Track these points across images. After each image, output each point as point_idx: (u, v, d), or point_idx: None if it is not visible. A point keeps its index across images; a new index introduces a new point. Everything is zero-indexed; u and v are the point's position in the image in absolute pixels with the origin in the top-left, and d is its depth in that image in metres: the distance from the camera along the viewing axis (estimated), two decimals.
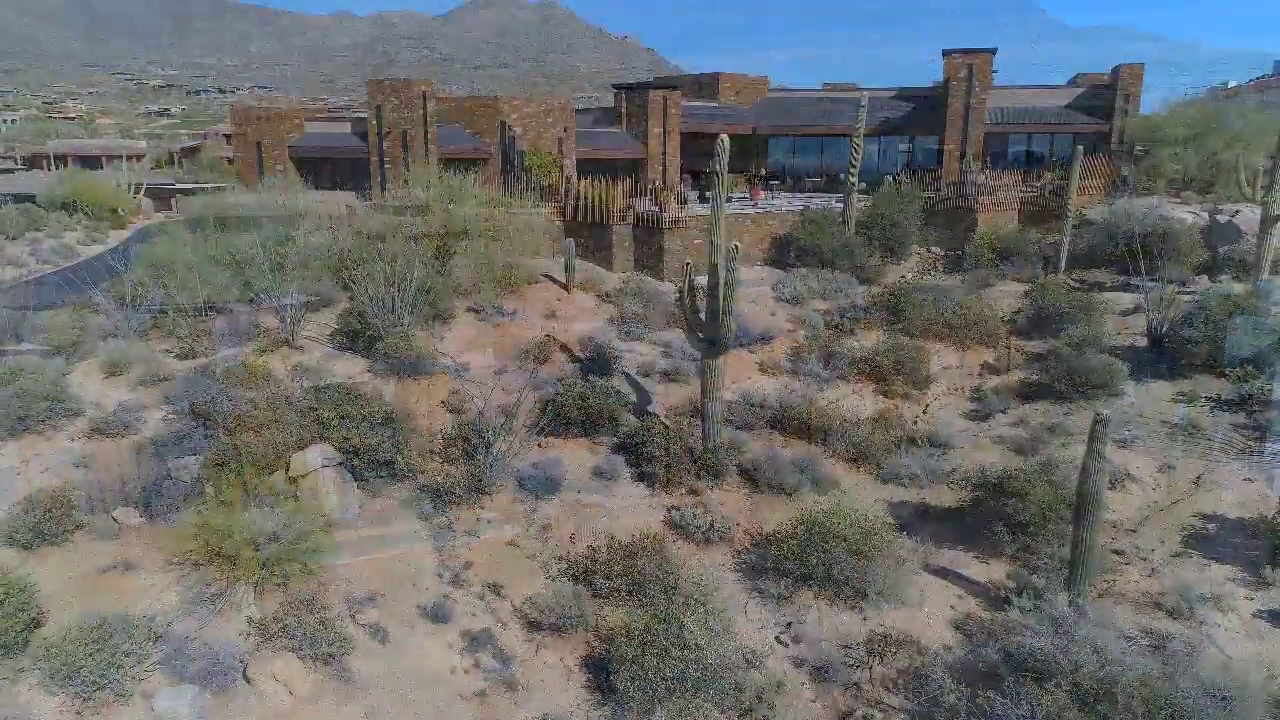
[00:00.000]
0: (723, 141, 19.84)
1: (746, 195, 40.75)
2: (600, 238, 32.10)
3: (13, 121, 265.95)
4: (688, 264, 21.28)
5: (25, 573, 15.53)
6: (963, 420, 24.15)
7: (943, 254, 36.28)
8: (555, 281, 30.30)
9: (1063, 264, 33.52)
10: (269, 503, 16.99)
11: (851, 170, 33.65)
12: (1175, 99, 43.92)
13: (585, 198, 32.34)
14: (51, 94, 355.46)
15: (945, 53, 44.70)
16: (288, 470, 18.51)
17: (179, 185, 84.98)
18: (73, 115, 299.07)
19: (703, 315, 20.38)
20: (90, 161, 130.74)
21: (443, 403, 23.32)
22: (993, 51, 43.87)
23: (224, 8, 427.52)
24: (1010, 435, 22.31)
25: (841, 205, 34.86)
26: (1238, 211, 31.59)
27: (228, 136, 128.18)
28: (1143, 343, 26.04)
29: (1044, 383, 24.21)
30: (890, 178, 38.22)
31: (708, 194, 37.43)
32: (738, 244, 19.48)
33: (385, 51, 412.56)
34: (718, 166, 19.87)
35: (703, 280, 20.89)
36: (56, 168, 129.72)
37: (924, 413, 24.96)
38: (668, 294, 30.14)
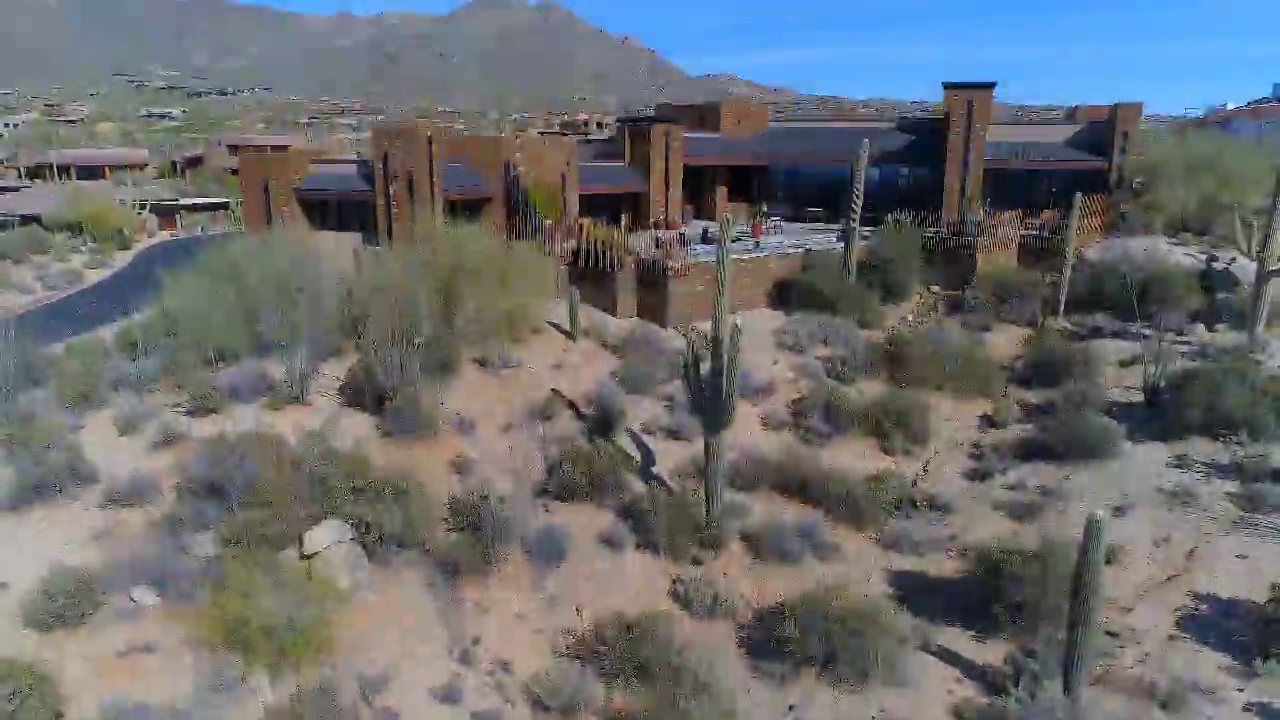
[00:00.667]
0: (726, 221, 20.18)
1: (748, 230, 41.16)
2: (604, 283, 32.48)
3: (14, 126, 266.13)
4: (691, 338, 21.63)
5: (45, 659, 15.98)
6: (962, 480, 24.55)
7: (943, 293, 36.65)
8: (560, 330, 30.69)
9: (1062, 307, 33.91)
10: (282, 584, 17.36)
11: (853, 214, 33.98)
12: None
13: (591, 244, 32.67)
14: (53, 96, 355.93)
15: (946, 86, 45.15)
16: (300, 547, 18.91)
17: (183, 201, 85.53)
18: (74, 119, 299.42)
19: (706, 391, 20.75)
20: (93, 172, 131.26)
21: (450, 464, 23.73)
22: (992, 86, 44.33)
23: (225, 9, 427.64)
24: (1008, 499, 22.70)
25: (842, 245, 35.17)
26: (1234, 259, 31.95)
27: (231, 147, 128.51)
28: (1139, 398, 26.43)
29: (1042, 442, 24.57)
30: (890, 216, 38.57)
31: (710, 233, 38.09)
32: (739, 321, 19.83)
33: (386, 53, 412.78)
34: (722, 255, 20.19)
35: (706, 353, 21.27)
36: (60, 178, 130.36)
37: (924, 471, 25.37)
38: (671, 342, 30.56)
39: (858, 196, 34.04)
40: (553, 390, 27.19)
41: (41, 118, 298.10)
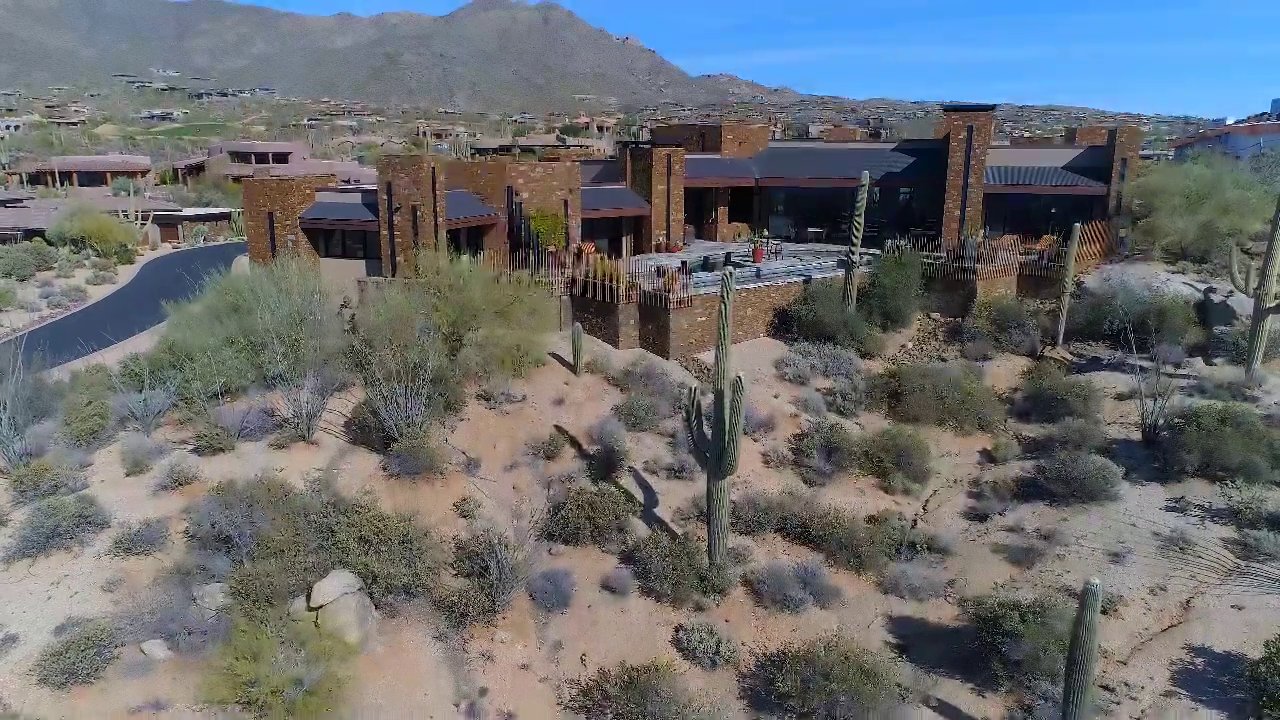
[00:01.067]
0: (728, 278, 20.42)
1: (749, 254, 41.45)
2: (607, 314, 32.74)
3: (15, 128, 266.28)
4: (694, 389, 21.86)
5: (59, 717, 16.28)
6: (961, 520, 24.83)
7: (943, 320, 36.93)
8: (563, 362, 30.95)
9: (1061, 336, 34.21)
10: (292, 641, 17.64)
11: (854, 244, 34.23)
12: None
13: (594, 276, 32.93)
14: (54, 97, 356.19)
15: (946, 109, 45.45)
16: (309, 598, 19.18)
17: (185, 212, 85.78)
18: (75, 121, 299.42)
19: (707, 444, 21.02)
20: (95, 178, 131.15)
21: (455, 505, 24.01)
22: (992, 108, 44.60)
23: (226, 9, 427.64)
24: (1007, 543, 22.96)
25: (843, 271, 35.38)
26: (1231, 293, 32.19)
27: (233, 154, 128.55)
28: (1137, 436, 26.72)
29: (1041, 483, 24.84)
30: (890, 242, 38.84)
31: (711, 259, 38.27)
32: (741, 374, 20.08)
33: (387, 53, 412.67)
34: (724, 310, 20.42)
35: (708, 400, 21.52)
36: (61, 184, 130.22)
37: (924, 510, 25.64)
38: (673, 375, 30.84)
39: (858, 229, 34.28)
40: (556, 427, 27.47)
41: (42, 119, 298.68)
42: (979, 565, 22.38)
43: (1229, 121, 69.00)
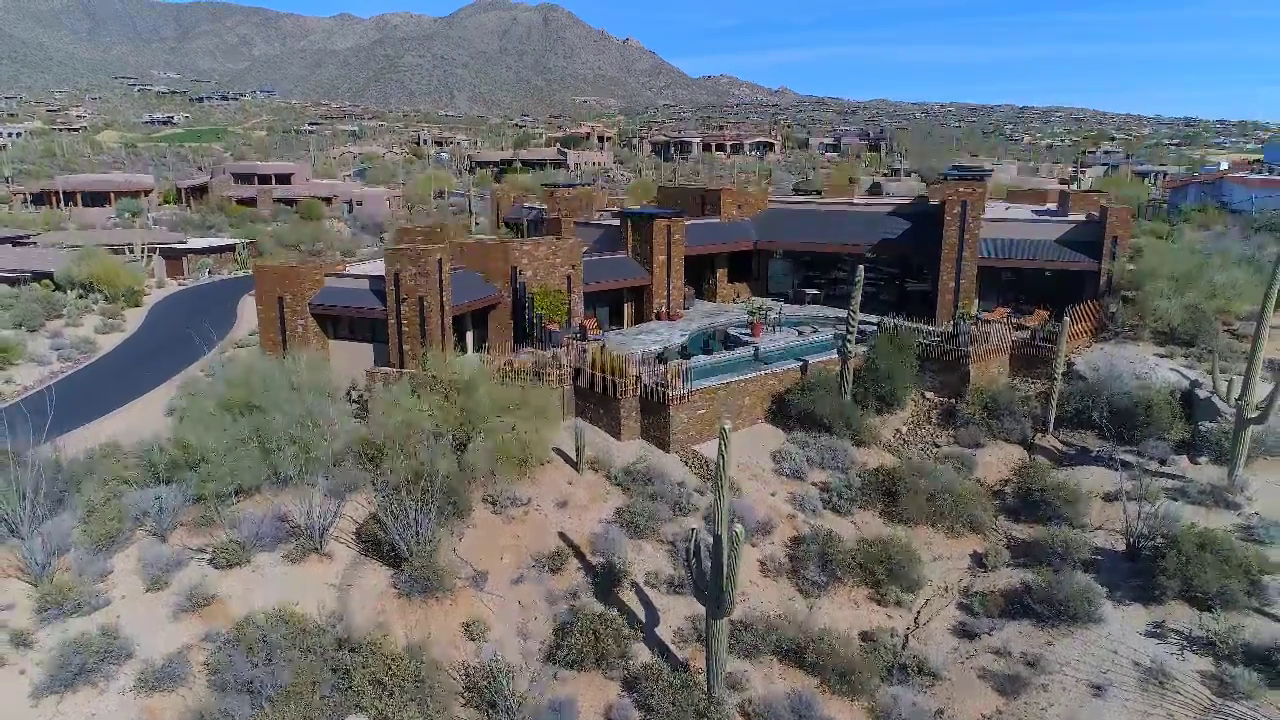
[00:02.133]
0: (725, 433, 21.32)
1: (748, 327, 42.33)
2: (608, 405, 33.62)
3: (17, 135, 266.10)
4: (694, 529, 22.77)
5: None
6: (951, 638, 25.77)
7: (937, 401, 37.82)
8: (566, 458, 31.87)
9: (1051, 424, 35.11)
10: None
11: (850, 330, 35.07)
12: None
13: (596, 368, 33.80)
14: (55, 100, 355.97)
15: (943, 177, 46.33)
16: None
17: (189, 245, 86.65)
18: (77, 127, 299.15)
19: (708, 577, 21.94)
20: (99, 199, 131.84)
21: (464, 626, 24.98)
22: (987, 176, 45.46)
23: (226, 11, 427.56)
24: (994, 668, 23.91)
25: (839, 356, 36.21)
26: (1214, 391, 33.02)
27: (235, 175, 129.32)
28: (1121, 546, 27.67)
29: (1027, 603, 25.78)
30: (886, 319, 39.76)
31: (711, 343, 39.06)
32: (740, 527, 20.99)
33: (387, 56, 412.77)
34: (723, 465, 21.29)
35: (708, 537, 22.44)
36: (65, 205, 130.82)
37: (915, 625, 26.60)
38: (673, 471, 31.75)
39: (854, 316, 35.13)
40: (560, 534, 28.42)
41: (44, 125, 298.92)
42: (967, 693, 23.34)
43: (1222, 167, 69.94)
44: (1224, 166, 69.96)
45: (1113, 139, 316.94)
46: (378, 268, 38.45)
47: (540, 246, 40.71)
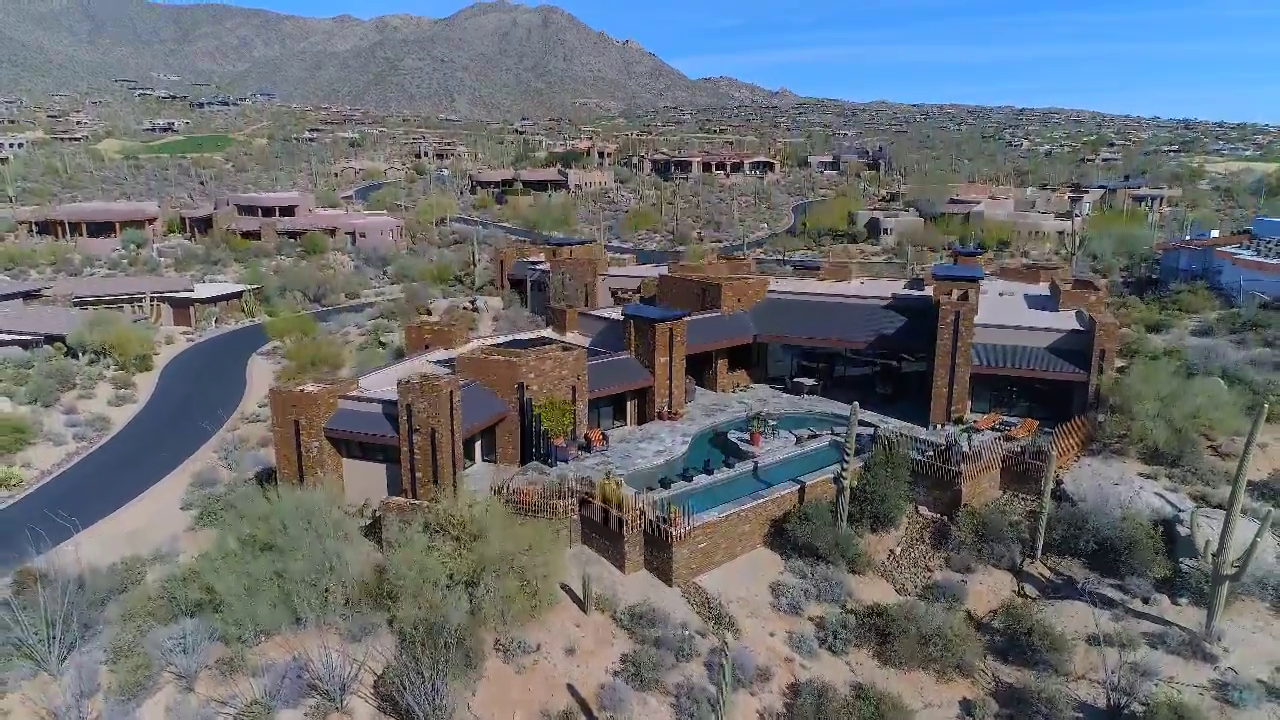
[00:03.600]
0: (726, 651, 22.67)
1: (748, 436, 43.67)
2: (614, 538, 34.96)
3: (19, 147, 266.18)
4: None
5: None
6: None
7: (930, 519, 39.20)
8: (573, 597, 33.22)
9: (1040, 550, 36.46)
10: None
11: (844, 470, 36.42)
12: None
13: (600, 500, 35.14)
14: (56, 105, 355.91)
15: (936, 277, 47.70)
16: None
17: (196, 295, 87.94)
18: (78, 135, 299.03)
19: None
20: (104, 228, 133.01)
21: None
22: (979, 279, 46.79)
23: (226, 13, 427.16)
24: None
25: (834, 481, 37.59)
26: (1199, 526, 34.40)
27: (239, 208, 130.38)
28: (1102, 701, 29.08)
29: None
30: (882, 427, 41.11)
31: (713, 463, 40.27)
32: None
33: (387, 57, 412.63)
34: (724, 676, 22.66)
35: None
36: (70, 235, 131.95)
37: None
38: (677, 615, 33.07)
39: (849, 451, 36.46)
40: (568, 688, 29.82)
41: (46, 134, 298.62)
42: None
43: (1213, 234, 71.22)
44: (1214, 234, 71.12)
45: (1111, 144, 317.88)
46: (389, 387, 39.52)
47: (545, 360, 41.97)
